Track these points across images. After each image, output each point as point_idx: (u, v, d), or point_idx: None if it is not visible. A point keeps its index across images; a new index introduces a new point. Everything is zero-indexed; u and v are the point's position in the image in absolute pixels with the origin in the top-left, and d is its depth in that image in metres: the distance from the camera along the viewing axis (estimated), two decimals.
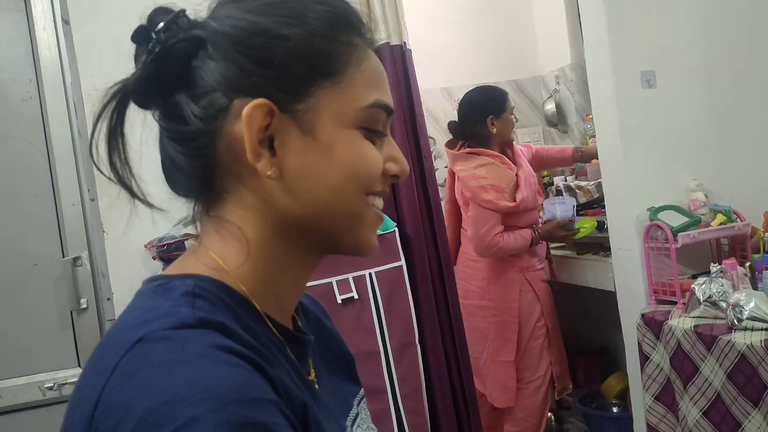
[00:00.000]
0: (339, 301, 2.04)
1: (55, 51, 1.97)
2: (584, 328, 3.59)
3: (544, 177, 3.68)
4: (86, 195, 1.98)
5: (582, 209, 3.01)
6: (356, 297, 2.06)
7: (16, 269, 1.97)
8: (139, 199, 0.64)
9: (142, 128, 0.65)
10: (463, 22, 3.82)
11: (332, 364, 0.78)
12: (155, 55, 0.59)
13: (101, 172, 0.62)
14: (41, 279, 1.97)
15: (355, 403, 0.78)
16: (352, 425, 0.74)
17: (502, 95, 2.83)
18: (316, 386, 0.69)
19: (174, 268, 0.63)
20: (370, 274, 2.09)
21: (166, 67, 0.60)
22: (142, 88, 0.61)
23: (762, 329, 1.73)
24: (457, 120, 2.88)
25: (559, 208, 2.82)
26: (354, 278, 2.07)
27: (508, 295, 2.74)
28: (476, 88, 2.95)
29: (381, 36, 2.29)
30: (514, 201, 2.67)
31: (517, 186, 2.71)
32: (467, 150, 2.78)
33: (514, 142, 2.93)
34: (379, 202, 0.67)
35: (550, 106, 3.82)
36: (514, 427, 2.79)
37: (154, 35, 0.60)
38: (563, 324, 3.30)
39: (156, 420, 0.46)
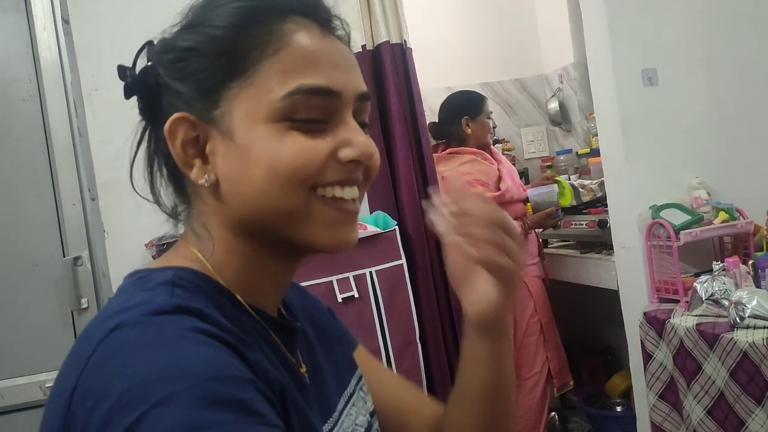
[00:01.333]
0: (339, 300, 2.04)
1: (56, 50, 1.98)
2: (589, 327, 3.58)
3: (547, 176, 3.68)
4: (86, 194, 1.99)
5: (585, 208, 3.00)
6: (357, 296, 2.05)
7: (17, 269, 1.98)
8: (177, 219, 0.69)
9: None
10: (466, 21, 3.81)
11: (330, 349, 0.78)
12: (129, 92, 0.65)
13: (141, 196, 0.67)
14: (42, 279, 1.98)
15: (353, 381, 0.78)
16: (345, 404, 0.74)
17: (478, 99, 2.94)
18: (304, 372, 0.69)
19: (156, 263, 0.65)
20: (370, 272, 2.08)
21: (143, 98, 0.65)
22: (143, 118, 0.67)
23: (764, 327, 1.71)
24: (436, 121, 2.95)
25: (544, 197, 2.90)
26: (354, 277, 2.06)
27: None
28: (457, 91, 3.09)
29: (381, 35, 2.28)
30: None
31: (500, 178, 2.79)
32: (449, 150, 2.85)
33: (492, 147, 3.00)
34: (342, 192, 0.63)
35: (554, 105, 3.80)
36: (515, 425, 2.78)
37: (128, 73, 0.65)
38: (568, 323, 3.29)
39: (131, 399, 0.46)
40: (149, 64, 0.64)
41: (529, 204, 2.99)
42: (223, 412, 0.46)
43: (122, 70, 0.64)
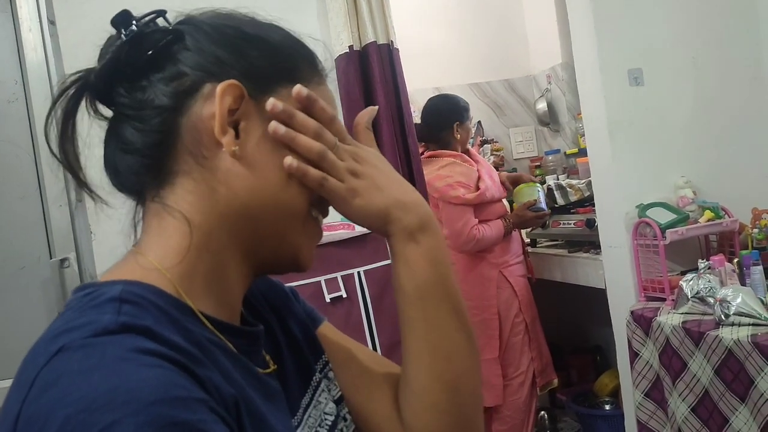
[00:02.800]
0: (328, 300, 2.04)
1: (41, 52, 1.96)
2: (578, 326, 3.60)
3: (536, 176, 3.69)
4: (73, 196, 1.97)
5: (573, 207, 3.02)
6: (345, 296, 2.05)
7: (3, 272, 1.96)
8: (87, 188, 0.66)
9: (89, 128, 0.66)
10: (455, 22, 3.83)
11: (293, 337, 0.77)
12: (131, 38, 0.63)
13: (53, 154, 0.65)
14: (29, 281, 1.96)
15: (318, 368, 0.77)
16: (314, 392, 0.73)
17: (465, 104, 2.99)
18: (273, 370, 0.69)
19: (105, 276, 0.63)
20: (358, 272, 2.09)
21: (138, 51, 0.63)
22: (108, 72, 0.63)
23: (749, 324, 1.73)
24: (421, 123, 2.96)
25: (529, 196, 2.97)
26: (342, 277, 2.06)
27: (486, 292, 2.77)
28: (441, 95, 3.12)
29: (368, 36, 2.29)
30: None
31: (479, 178, 2.82)
32: (429, 154, 2.88)
33: (471, 149, 3.06)
34: (320, 218, 0.70)
35: (542, 105, 3.82)
36: (502, 425, 2.79)
37: (134, 22, 0.63)
38: (557, 323, 3.31)
39: (74, 428, 0.45)
40: (175, 26, 0.65)
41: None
42: None
43: (126, 16, 0.64)
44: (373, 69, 2.27)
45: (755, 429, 1.63)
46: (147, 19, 0.64)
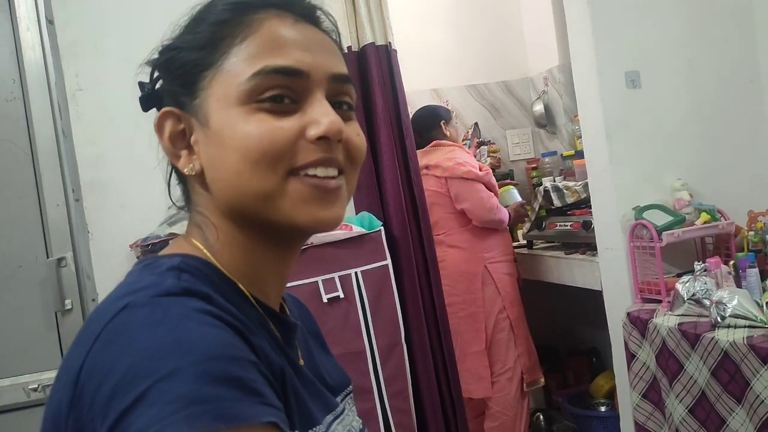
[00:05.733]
0: (325, 301, 2.03)
1: (39, 51, 1.97)
2: (574, 328, 3.60)
3: (533, 178, 3.70)
4: (71, 195, 1.97)
5: (570, 209, 3.03)
6: (342, 296, 2.05)
7: (0, 271, 1.96)
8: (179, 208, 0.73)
9: None
10: (452, 24, 3.83)
11: (324, 356, 0.80)
12: (146, 101, 0.70)
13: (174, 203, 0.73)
14: (26, 280, 1.96)
15: (340, 398, 0.78)
16: (335, 419, 0.74)
17: (445, 108, 3.25)
18: (302, 363, 0.71)
19: (162, 252, 0.67)
20: (356, 273, 2.09)
21: (157, 106, 0.69)
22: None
23: (745, 327, 1.74)
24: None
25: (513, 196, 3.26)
26: (340, 277, 2.06)
27: (472, 286, 2.88)
28: (423, 107, 3.26)
29: (366, 37, 2.29)
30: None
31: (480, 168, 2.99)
32: (433, 143, 3.02)
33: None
34: (316, 171, 0.63)
35: (539, 108, 3.83)
36: (493, 421, 2.84)
37: (145, 87, 0.71)
38: (553, 324, 3.31)
39: (138, 373, 0.47)
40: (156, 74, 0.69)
41: None
42: (225, 389, 0.47)
43: (140, 86, 0.70)
44: (371, 70, 2.27)
45: (752, 430, 1.64)
46: (151, 75, 0.69)
